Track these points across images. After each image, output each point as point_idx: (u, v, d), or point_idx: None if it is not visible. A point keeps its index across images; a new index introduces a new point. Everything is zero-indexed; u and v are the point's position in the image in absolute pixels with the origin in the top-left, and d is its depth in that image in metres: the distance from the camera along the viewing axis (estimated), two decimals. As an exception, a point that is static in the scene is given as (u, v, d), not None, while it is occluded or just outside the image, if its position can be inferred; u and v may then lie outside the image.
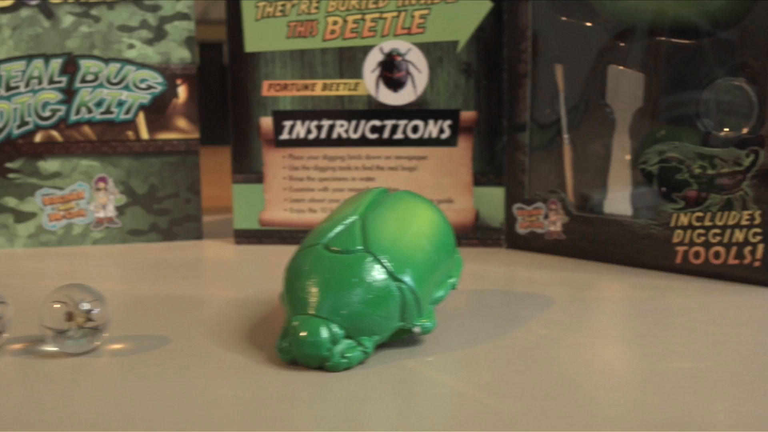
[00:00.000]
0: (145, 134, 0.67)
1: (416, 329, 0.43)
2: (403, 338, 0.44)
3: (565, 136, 0.63)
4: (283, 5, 0.65)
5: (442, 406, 0.37)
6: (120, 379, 0.40)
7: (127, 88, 0.67)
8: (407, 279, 0.42)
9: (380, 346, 0.43)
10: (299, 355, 0.41)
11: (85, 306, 0.43)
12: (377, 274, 0.42)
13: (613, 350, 0.45)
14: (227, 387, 0.39)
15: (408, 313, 0.43)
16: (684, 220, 0.57)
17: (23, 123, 0.66)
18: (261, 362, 0.42)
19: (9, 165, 0.66)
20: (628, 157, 0.61)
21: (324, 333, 0.40)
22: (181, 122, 0.68)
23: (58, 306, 0.43)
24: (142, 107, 0.67)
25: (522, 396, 0.38)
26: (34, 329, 0.45)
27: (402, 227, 0.45)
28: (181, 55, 0.67)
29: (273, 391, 0.38)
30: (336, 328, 0.41)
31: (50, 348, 0.44)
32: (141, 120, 0.67)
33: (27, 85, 0.66)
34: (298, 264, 0.43)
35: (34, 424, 0.35)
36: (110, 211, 0.68)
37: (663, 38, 0.58)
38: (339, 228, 0.44)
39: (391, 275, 0.42)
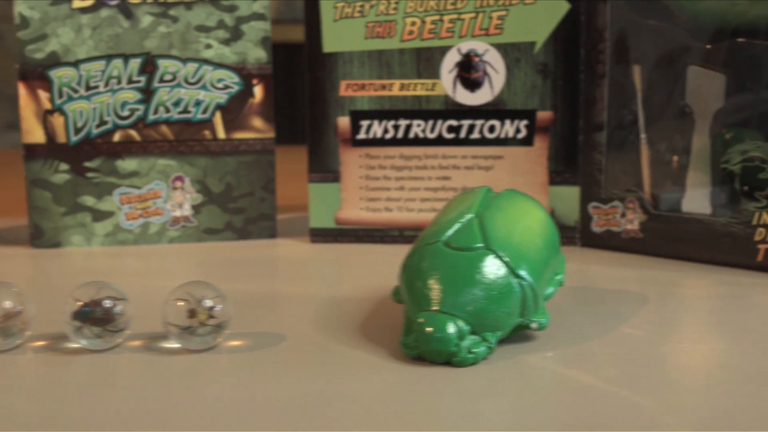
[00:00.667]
0: (221, 134, 0.68)
1: (533, 325, 0.45)
2: (516, 335, 0.46)
3: (643, 135, 0.65)
4: (361, 6, 0.66)
5: (578, 401, 0.38)
6: (245, 376, 0.41)
7: (204, 87, 0.68)
8: (526, 275, 0.44)
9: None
10: (426, 351, 0.42)
11: (208, 303, 0.44)
12: (499, 270, 0.43)
13: (722, 346, 0.46)
14: (356, 382, 0.40)
15: (527, 310, 0.44)
16: (766, 218, 0.58)
17: (102, 122, 0.67)
18: (385, 358, 0.43)
19: (88, 164, 0.67)
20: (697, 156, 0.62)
21: (451, 329, 0.42)
22: (257, 122, 0.69)
23: (182, 303, 0.45)
24: (219, 107, 0.68)
25: (656, 389, 0.39)
26: (148, 326, 0.46)
27: (516, 225, 0.46)
28: (257, 55, 0.68)
29: (404, 387, 0.40)
30: (462, 324, 0.42)
31: (171, 345, 0.46)
32: (218, 119, 0.68)
33: (106, 84, 0.67)
34: (417, 261, 0.44)
35: (158, 420, 0.36)
36: (186, 210, 0.69)
37: (743, 39, 0.59)
38: (457, 226, 0.45)
39: (512, 272, 0.43)
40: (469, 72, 0.66)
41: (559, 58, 0.65)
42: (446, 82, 0.66)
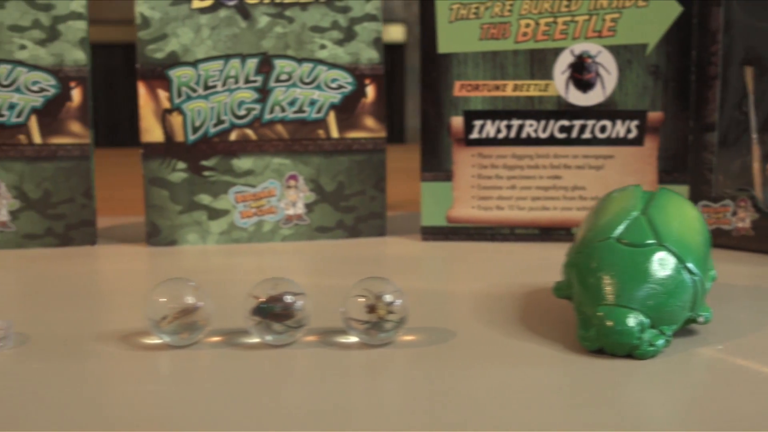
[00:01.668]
0: (335, 133, 0.70)
1: (700, 319, 0.47)
2: (681, 329, 0.48)
3: (754, 136, 0.67)
4: (476, 8, 0.68)
5: (765, 391, 0.41)
6: (425, 370, 0.43)
7: (318, 87, 0.70)
8: (696, 270, 0.46)
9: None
10: (608, 344, 0.44)
11: (388, 298, 0.46)
12: (673, 265, 0.45)
13: None
14: (541, 375, 0.42)
15: (696, 304, 0.46)
16: None
17: (219, 122, 0.69)
18: (563, 351, 0.45)
19: (204, 163, 0.69)
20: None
21: (632, 322, 0.44)
22: (369, 121, 0.71)
23: (362, 299, 0.47)
24: (333, 106, 0.70)
25: None
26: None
27: (679, 222, 0.48)
28: (369, 55, 0.70)
29: (587, 379, 0.42)
30: (642, 318, 0.44)
31: (347, 339, 0.47)
32: (331, 119, 0.70)
33: (224, 84, 0.68)
34: (587, 258, 0.47)
35: (338, 416, 0.38)
36: (300, 209, 0.71)
37: None
38: (625, 223, 0.47)
39: (685, 267, 0.45)
40: (581, 73, 0.68)
41: (670, 60, 0.68)
42: (559, 83, 0.69)
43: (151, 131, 0.69)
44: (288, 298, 0.47)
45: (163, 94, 0.68)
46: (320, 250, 0.70)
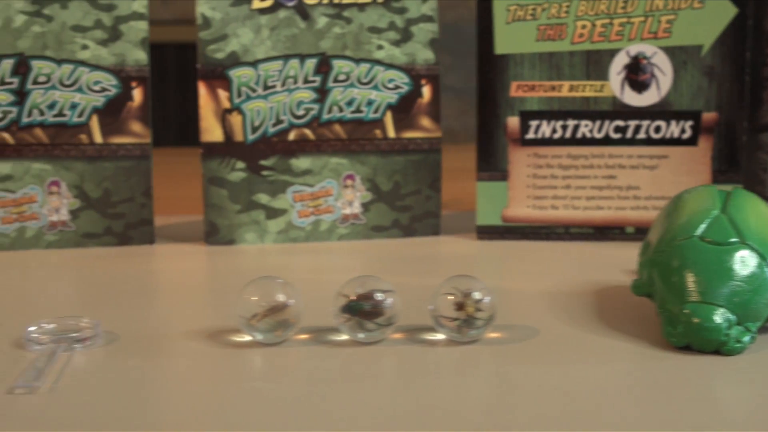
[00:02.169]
0: (392, 133, 0.71)
1: (780, 316, 0.48)
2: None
3: (808, 136, 0.68)
4: (533, 9, 0.69)
5: None
6: (513, 366, 0.45)
7: (375, 88, 0.71)
8: (777, 269, 0.47)
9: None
10: (696, 341, 0.45)
11: (476, 296, 0.47)
12: (758, 263, 0.46)
13: None
14: (630, 372, 0.44)
15: (778, 302, 0.47)
16: None
17: (278, 121, 0.70)
18: (649, 347, 0.46)
19: (263, 162, 0.70)
20: None
21: (719, 318, 0.45)
22: (425, 121, 0.72)
23: (451, 297, 0.48)
24: (389, 107, 0.71)
25: None
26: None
27: (759, 221, 0.50)
28: (425, 56, 0.71)
29: (677, 375, 0.43)
30: (729, 314, 0.45)
31: (438, 337, 0.48)
32: (388, 119, 0.71)
33: (283, 84, 0.69)
34: (670, 256, 0.48)
35: (421, 414, 0.39)
36: (356, 208, 0.72)
37: None
38: (707, 222, 0.48)
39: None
40: (637, 74, 0.69)
41: (725, 61, 0.69)
42: (614, 84, 0.70)
43: (211, 131, 0.70)
44: (378, 296, 0.48)
45: (223, 94, 0.69)
46: (376, 249, 0.71)
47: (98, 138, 0.69)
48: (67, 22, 0.68)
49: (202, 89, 0.69)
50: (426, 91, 0.72)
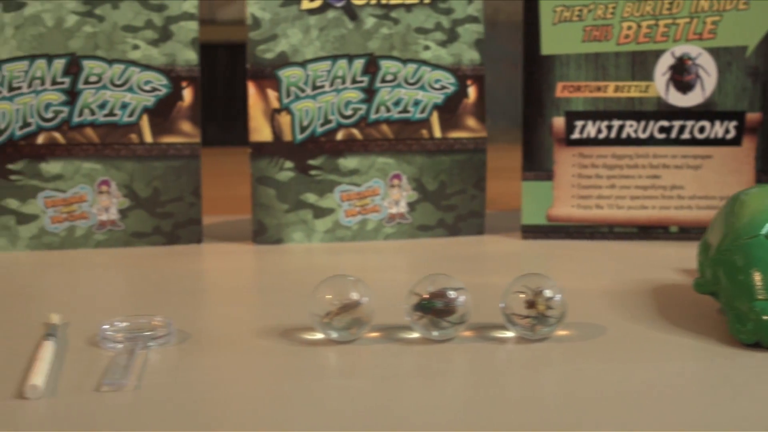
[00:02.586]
0: (438, 133, 0.72)
1: None
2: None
3: None
4: (580, 10, 0.70)
5: None
6: (589, 364, 0.45)
7: (422, 88, 0.71)
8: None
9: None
10: (766, 338, 0.46)
11: (548, 294, 0.48)
12: (826, 263, 0.47)
13: None
14: (702, 369, 0.44)
15: (844, 300, 0.48)
16: None
17: (326, 121, 0.70)
18: (718, 344, 0.47)
19: (311, 162, 0.71)
20: None
21: (789, 316, 0.46)
22: (471, 121, 0.73)
23: (522, 295, 0.48)
24: (436, 107, 0.72)
25: None
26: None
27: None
28: (471, 56, 0.72)
29: (751, 372, 0.44)
30: (799, 312, 0.46)
31: (508, 334, 0.49)
32: (435, 119, 0.72)
33: (331, 84, 0.70)
34: (734, 255, 0.49)
35: (488, 410, 0.40)
36: (402, 207, 0.72)
37: None
38: (773, 221, 0.49)
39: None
40: (681, 75, 0.70)
41: (769, 62, 0.70)
42: (659, 85, 0.71)
43: (260, 131, 0.70)
44: (450, 294, 0.49)
45: (272, 93, 0.70)
46: (422, 248, 0.72)
47: (148, 137, 0.70)
48: (119, 23, 0.68)
49: (252, 89, 0.70)
50: (471, 91, 0.73)
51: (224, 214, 0.86)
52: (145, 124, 0.69)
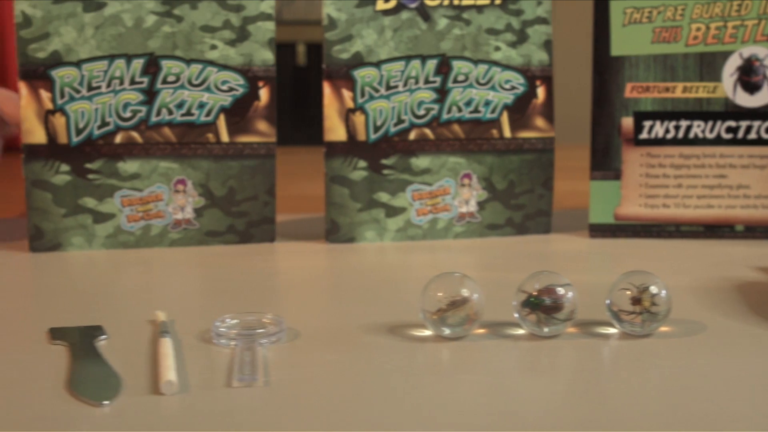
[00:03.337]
0: (507, 132, 0.73)
1: None
2: None
3: None
4: (649, 12, 0.71)
5: None
6: (695, 360, 0.46)
7: (493, 88, 0.72)
8: None
9: None
10: None
11: (653, 290, 0.49)
12: None
13: None
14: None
15: None
16: None
17: (400, 121, 0.71)
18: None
19: (384, 161, 0.72)
20: None
21: None
22: (539, 121, 0.74)
23: (628, 292, 0.49)
24: (506, 107, 0.73)
25: None
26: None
27: None
28: (540, 57, 0.73)
29: None
30: None
31: (612, 330, 0.50)
32: (504, 119, 0.73)
33: (405, 84, 0.71)
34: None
35: (587, 405, 0.42)
36: (472, 206, 0.73)
37: None
38: None
39: None
40: (749, 75, 0.72)
41: (834, 63, 0.71)
42: (727, 85, 0.72)
43: (335, 130, 0.71)
44: (559, 291, 0.50)
45: (347, 94, 0.71)
46: (492, 246, 0.73)
47: (225, 137, 0.70)
48: (197, 23, 0.69)
49: (327, 89, 0.71)
50: (540, 92, 0.74)
51: (292, 213, 0.87)
52: (221, 123, 0.70)
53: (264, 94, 0.71)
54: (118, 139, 0.69)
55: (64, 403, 0.41)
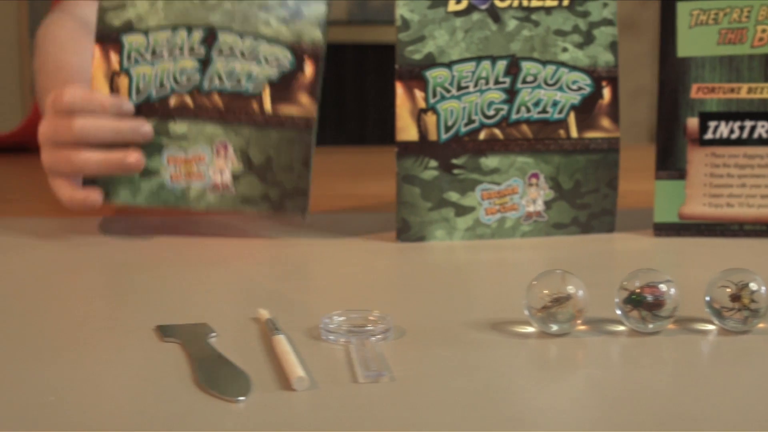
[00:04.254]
0: (574, 133, 0.75)
1: None
2: None
3: None
4: (716, 14, 0.73)
5: None
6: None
7: (560, 89, 0.74)
8: None
9: None
10: None
11: (753, 287, 0.51)
12: None
13: None
14: None
15: None
16: None
17: (470, 121, 0.73)
18: None
19: (455, 161, 0.73)
20: None
21: None
22: (605, 122, 0.75)
23: (727, 289, 0.51)
24: (573, 107, 0.74)
25: None
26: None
27: None
28: (606, 58, 0.75)
29: None
30: None
31: (709, 327, 0.52)
32: (572, 119, 0.74)
33: (475, 85, 0.72)
34: None
35: (687, 402, 0.43)
36: (539, 206, 0.75)
37: None
38: None
39: None
40: (813, 76, 0.73)
41: None
42: (791, 86, 0.74)
43: (407, 130, 0.72)
44: (661, 287, 0.51)
45: (419, 94, 0.72)
46: (558, 245, 0.74)
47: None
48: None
49: (399, 89, 0.72)
50: (606, 92, 0.75)
51: (374, 213, 0.88)
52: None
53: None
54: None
55: (199, 400, 0.42)
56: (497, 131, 0.74)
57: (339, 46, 1.99)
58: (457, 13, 0.73)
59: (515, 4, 0.74)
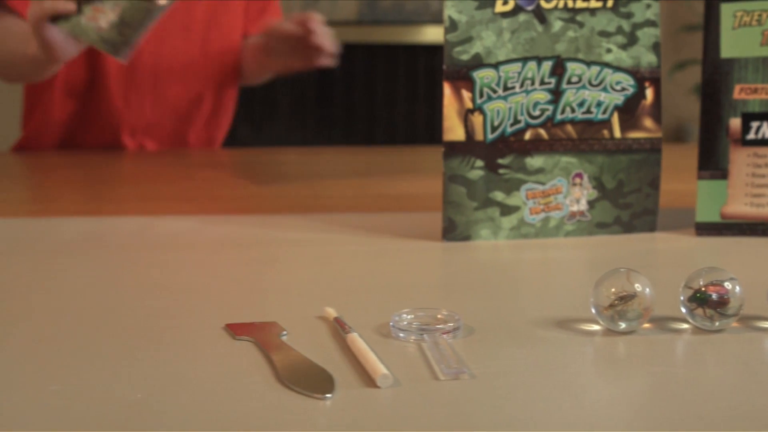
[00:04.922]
0: (617, 133, 0.76)
1: None
2: None
3: None
4: (759, 15, 0.74)
5: None
6: None
7: (604, 89, 0.75)
8: None
9: None
10: None
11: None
12: None
13: None
14: None
15: None
16: None
17: (516, 121, 0.74)
18: None
19: (500, 161, 0.74)
20: None
21: None
22: (648, 122, 0.76)
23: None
24: (616, 108, 0.75)
25: None
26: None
27: None
28: (649, 59, 0.76)
29: None
30: None
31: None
32: (615, 119, 0.75)
33: (521, 85, 0.73)
34: None
35: (749, 399, 0.44)
36: (583, 205, 0.76)
37: None
38: None
39: None
40: None
41: None
42: (832, 87, 0.75)
43: (454, 130, 0.73)
44: (726, 285, 0.52)
45: (466, 94, 0.73)
46: (601, 244, 0.75)
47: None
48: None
49: (447, 90, 0.73)
50: (649, 93, 0.76)
51: (419, 212, 0.89)
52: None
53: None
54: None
55: (286, 398, 0.43)
56: (542, 131, 0.75)
57: (349, 46, 2.00)
58: (504, 14, 0.74)
59: (560, 5, 0.75)
